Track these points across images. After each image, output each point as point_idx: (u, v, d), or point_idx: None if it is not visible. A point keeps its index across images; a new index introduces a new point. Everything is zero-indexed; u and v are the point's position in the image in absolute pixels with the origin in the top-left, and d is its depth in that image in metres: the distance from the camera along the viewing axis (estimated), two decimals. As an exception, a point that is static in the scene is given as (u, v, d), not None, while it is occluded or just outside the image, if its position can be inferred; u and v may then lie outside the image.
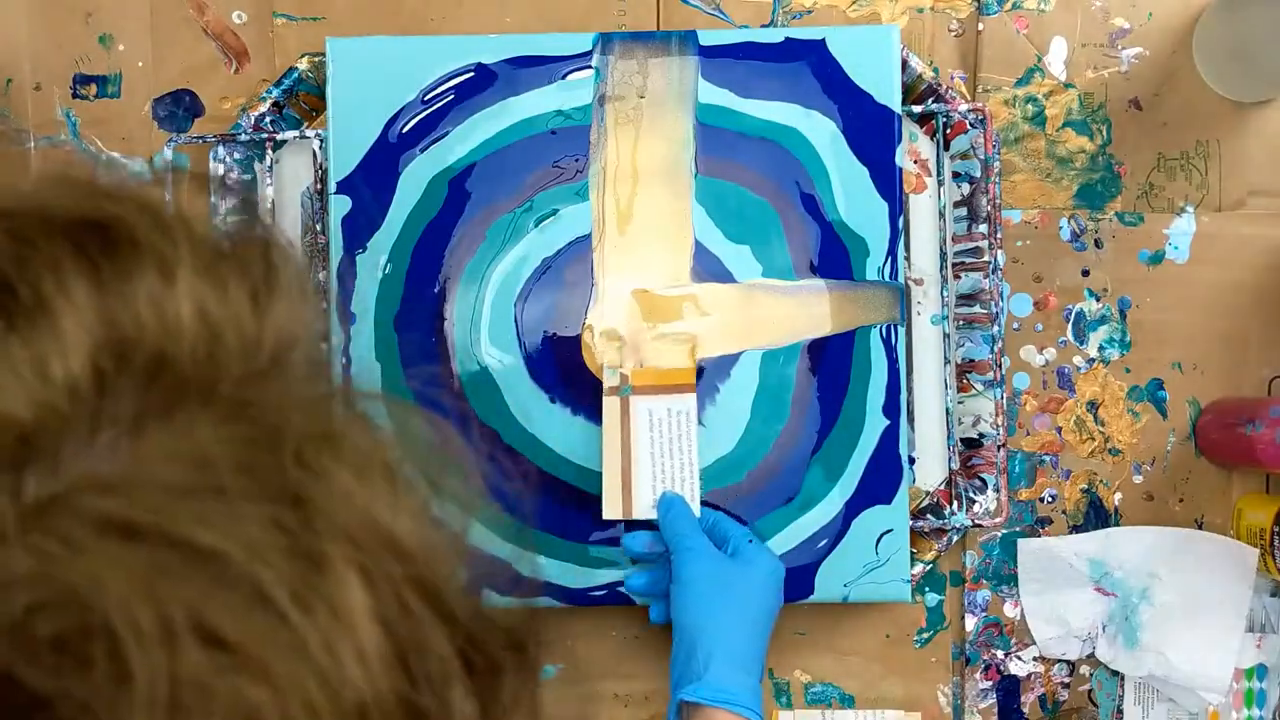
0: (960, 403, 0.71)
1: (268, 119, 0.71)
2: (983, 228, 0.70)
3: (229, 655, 0.19)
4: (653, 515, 0.65)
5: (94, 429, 0.21)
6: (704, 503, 0.66)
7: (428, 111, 0.68)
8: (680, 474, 0.66)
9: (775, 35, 0.68)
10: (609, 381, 0.66)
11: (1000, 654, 0.72)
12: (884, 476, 0.68)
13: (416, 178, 0.68)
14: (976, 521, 0.70)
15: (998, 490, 0.70)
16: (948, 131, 0.71)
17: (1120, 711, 0.73)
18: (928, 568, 0.71)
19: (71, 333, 0.21)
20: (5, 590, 0.19)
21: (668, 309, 0.68)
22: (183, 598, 0.19)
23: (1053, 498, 0.72)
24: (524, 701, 0.25)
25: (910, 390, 0.71)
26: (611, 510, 0.65)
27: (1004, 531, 0.72)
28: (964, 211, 0.71)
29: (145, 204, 0.24)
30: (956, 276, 0.71)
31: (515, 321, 0.68)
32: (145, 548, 0.20)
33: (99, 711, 0.19)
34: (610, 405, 0.66)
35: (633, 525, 0.66)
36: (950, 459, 0.71)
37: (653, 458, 0.66)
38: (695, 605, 0.61)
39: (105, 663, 0.19)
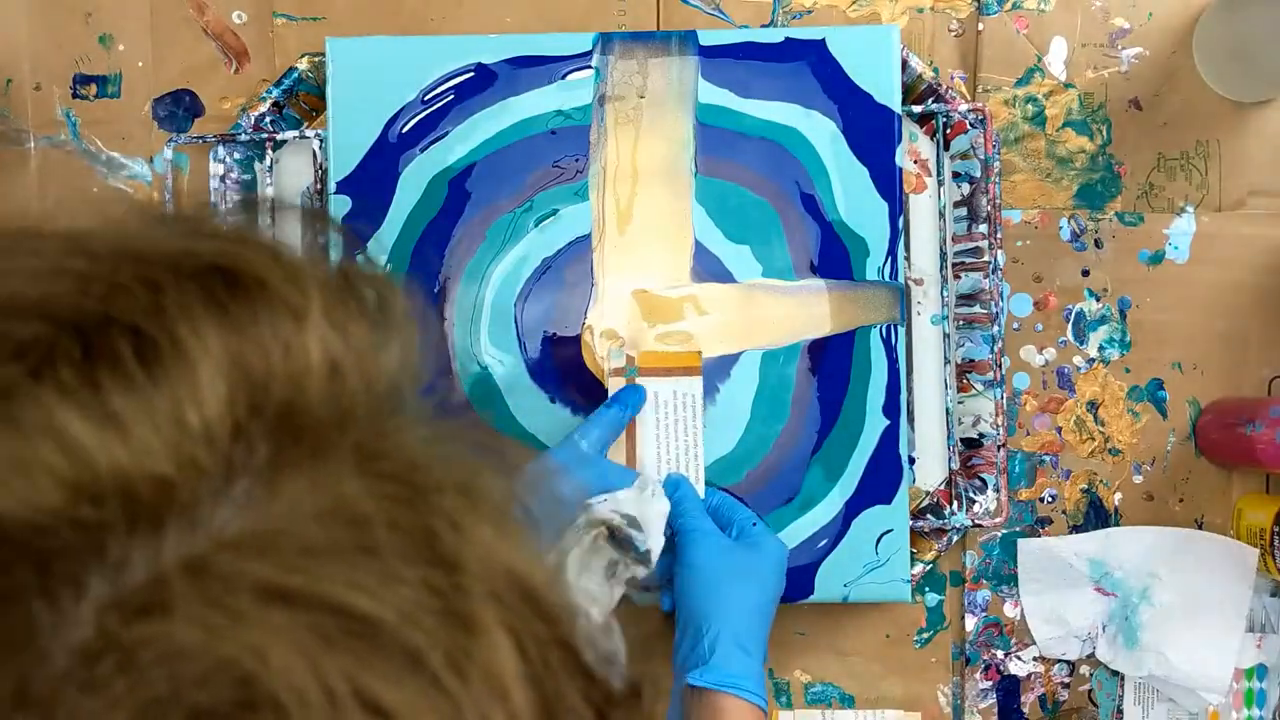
0: (960, 403, 0.71)
1: (268, 119, 0.71)
2: (983, 228, 0.70)
3: None
4: None
5: (229, 480, 0.20)
6: (708, 484, 0.66)
7: (428, 111, 0.68)
8: (686, 456, 0.66)
9: (775, 35, 0.68)
10: (614, 363, 0.66)
11: (1000, 654, 0.72)
12: (884, 476, 0.67)
13: (416, 178, 0.68)
14: (976, 521, 0.70)
15: (998, 490, 0.70)
16: (948, 131, 0.71)
17: (1120, 711, 0.72)
18: (928, 568, 0.71)
19: (207, 380, 0.20)
20: (173, 662, 0.18)
21: (668, 309, 0.68)
22: (342, 666, 0.19)
23: (1053, 498, 0.72)
24: None
25: (910, 390, 0.70)
26: None
27: (1004, 531, 0.72)
28: (964, 211, 0.71)
29: (271, 248, 0.23)
30: (956, 276, 0.71)
31: (515, 321, 0.68)
32: (304, 614, 0.19)
33: None
34: (615, 386, 0.66)
35: None
36: (950, 459, 0.71)
37: (658, 439, 0.66)
38: (701, 589, 0.61)
39: None
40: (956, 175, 0.71)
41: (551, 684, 0.21)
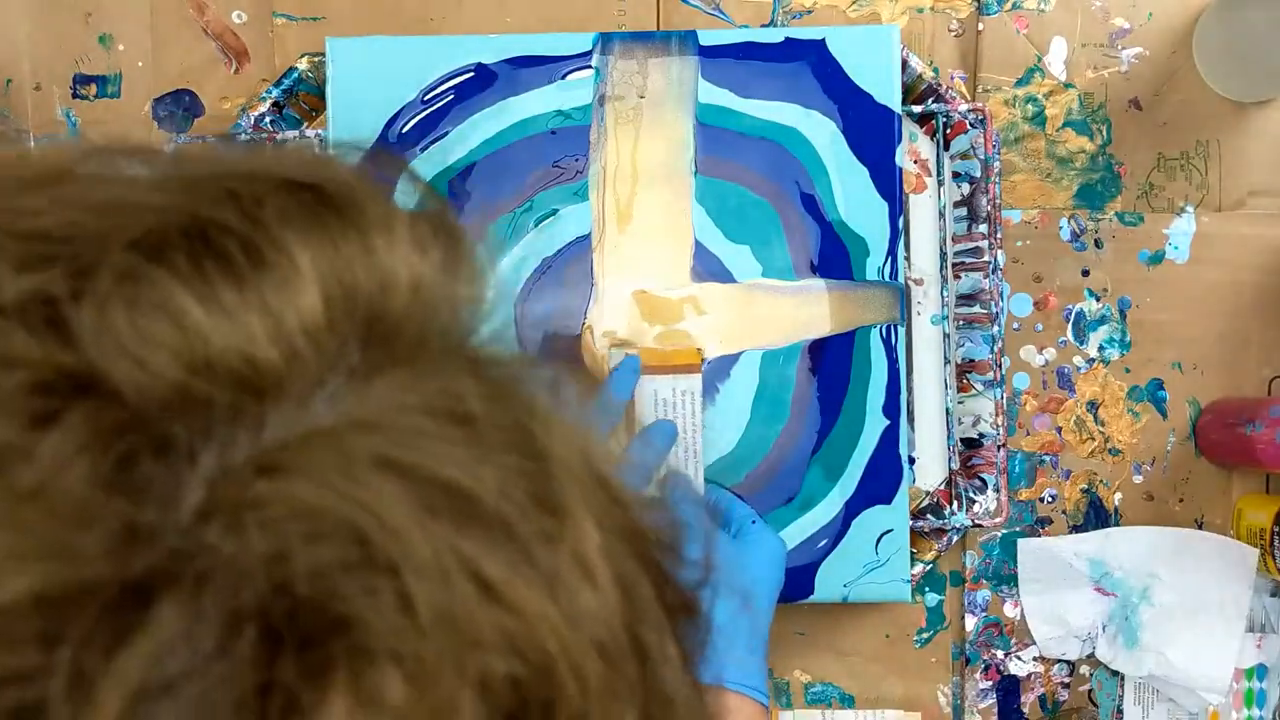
0: (960, 403, 0.71)
1: (268, 119, 0.71)
2: (983, 228, 0.71)
3: (489, 590, 0.20)
4: None
5: (330, 371, 0.22)
6: (707, 481, 0.66)
7: (428, 111, 0.68)
8: (685, 454, 0.66)
9: (775, 35, 0.68)
10: (614, 361, 0.66)
11: (1000, 654, 0.72)
12: (884, 476, 0.67)
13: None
14: (976, 521, 0.70)
15: (998, 490, 0.70)
16: (948, 131, 0.71)
17: (1120, 711, 0.72)
18: (928, 568, 0.71)
19: (308, 279, 0.22)
20: (292, 520, 0.20)
21: (667, 310, 0.68)
22: (447, 535, 0.20)
23: (1053, 498, 0.72)
24: (699, 649, 0.26)
25: (910, 390, 0.70)
26: None
27: (1004, 531, 0.72)
28: (964, 211, 0.71)
29: (360, 172, 0.25)
30: (956, 276, 0.71)
31: (515, 322, 0.68)
32: (413, 485, 0.21)
33: (386, 635, 0.19)
34: None
35: None
36: (950, 459, 0.71)
37: None
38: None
39: (390, 594, 0.20)
40: (956, 175, 0.71)
41: (629, 568, 0.23)
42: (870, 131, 0.68)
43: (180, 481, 0.20)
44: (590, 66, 0.68)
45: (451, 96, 0.68)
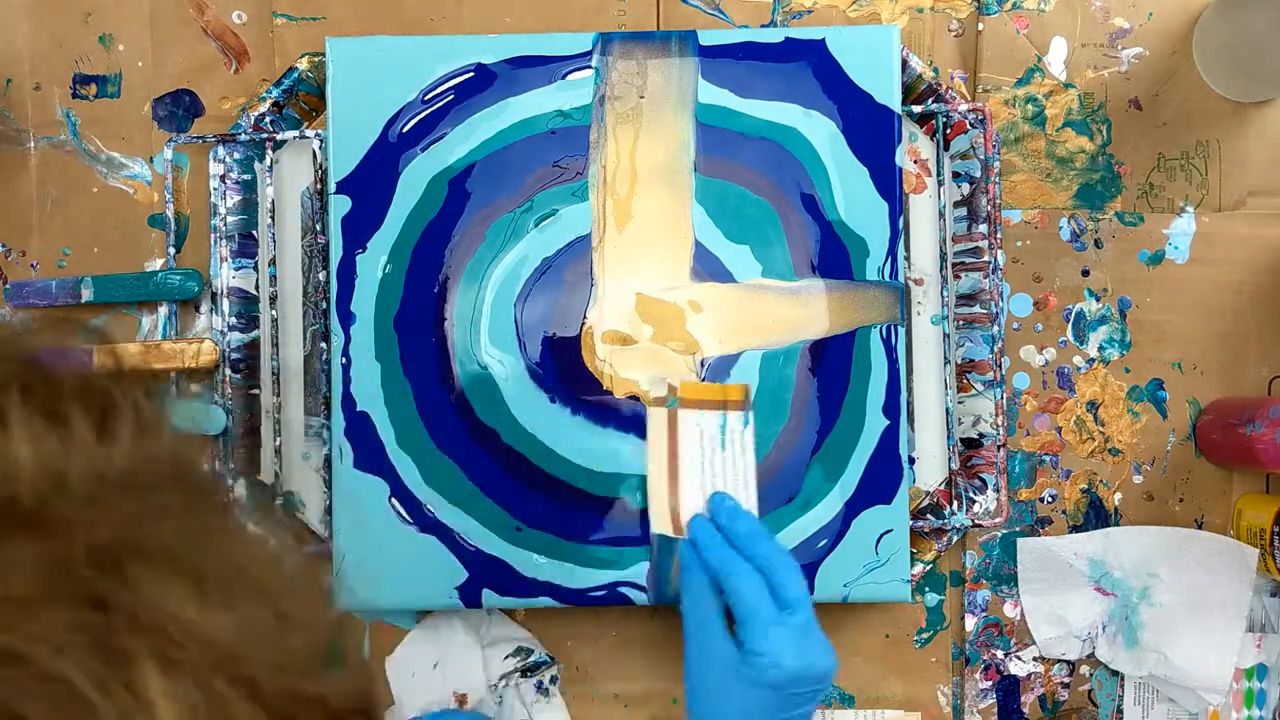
0: (960, 403, 0.71)
1: (268, 119, 0.71)
2: (983, 228, 0.71)
3: None
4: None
5: None
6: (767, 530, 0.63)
7: (428, 111, 0.68)
8: (735, 498, 0.64)
9: (775, 35, 0.68)
10: (655, 392, 0.66)
11: (1000, 654, 0.72)
12: (884, 476, 0.68)
13: (416, 178, 0.68)
14: (976, 521, 0.70)
15: (998, 490, 0.70)
16: (948, 131, 0.71)
17: (1120, 711, 0.73)
18: (928, 568, 0.71)
19: None
20: None
21: (667, 310, 0.68)
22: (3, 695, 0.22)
23: (1053, 498, 0.72)
24: None
25: (910, 390, 0.71)
26: (660, 524, 0.65)
27: (1004, 531, 0.72)
28: (964, 211, 0.71)
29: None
30: (956, 276, 0.71)
31: (515, 322, 0.68)
32: None
33: None
34: (656, 417, 0.66)
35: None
36: (950, 459, 0.71)
37: (702, 477, 0.65)
38: (693, 679, 0.57)
39: None
40: (956, 175, 0.71)
41: (213, 706, 0.24)
42: (870, 131, 0.68)
43: None
44: (590, 66, 0.68)
45: (451, 96, 0.68)
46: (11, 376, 0.26)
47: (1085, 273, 0.72)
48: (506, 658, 0.69)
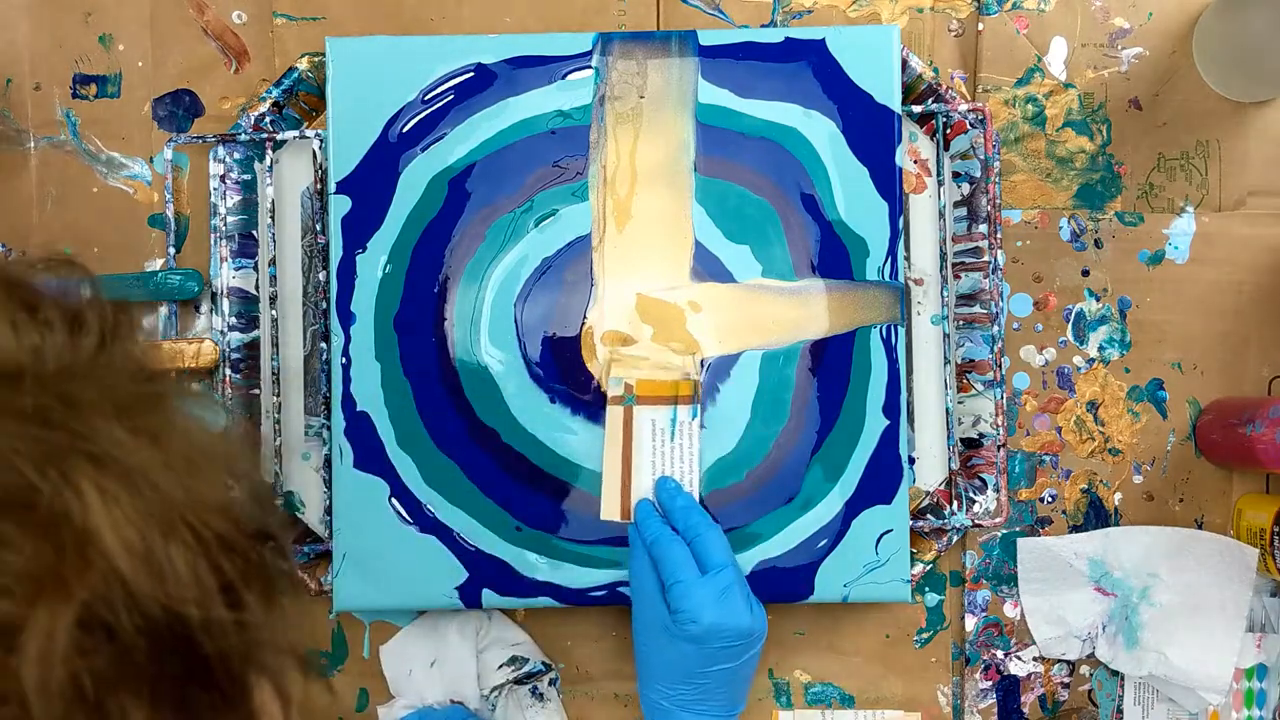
0: (960, 403, 0.71)
1: (268, 119, 0.71)
2: (983, 228, 0.71)
3: None
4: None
5: None
6: (705, 506, 0.67)
7: (428, 111, 0.68)
8: (681, 482, 0.66)
9: (775, 35, 0.68)
10: (613, 390, 0.66)
11: (1000, 654, 0.72)
12: (884, 476, 0.67)
13: (416, 178, 0.68)
14: (976, 521, 0.70)
15: (998, 490, 0.70)
16: (948, 131, 0.71)
17: (1120, 711, 0.72)
18: (928, 568, 0.71)
19: None
20: None
21: (667, 310, 0.68)
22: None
23: (1053, 498, 0.72)
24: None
25: (910, 390, 0.70)
26: (609, 512, 0.66)
27: (1004, 531, 0.72)
28: (964, 211, 0.71)
29: None
30: (956, 276, 0.71)
31: (515, 321, 0.68)
32: None
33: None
34: (614, 414, 0.66)
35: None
36: (950, 459, 0.71)
37: (654, 466, 0.66)
38: (637, 641, 0.64)
39: None
40: (956, 175, 0.71)
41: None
42: (870, 131, 0.68)
43: None
44: (590, 67, 0.68)
45: (451, 96, 0.68)
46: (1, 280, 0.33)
47: (1085, 273, 0.72)
48: (501, 667, 0.69)
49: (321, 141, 0.70)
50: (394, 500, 0.67)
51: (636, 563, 0.64)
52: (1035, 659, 0.72)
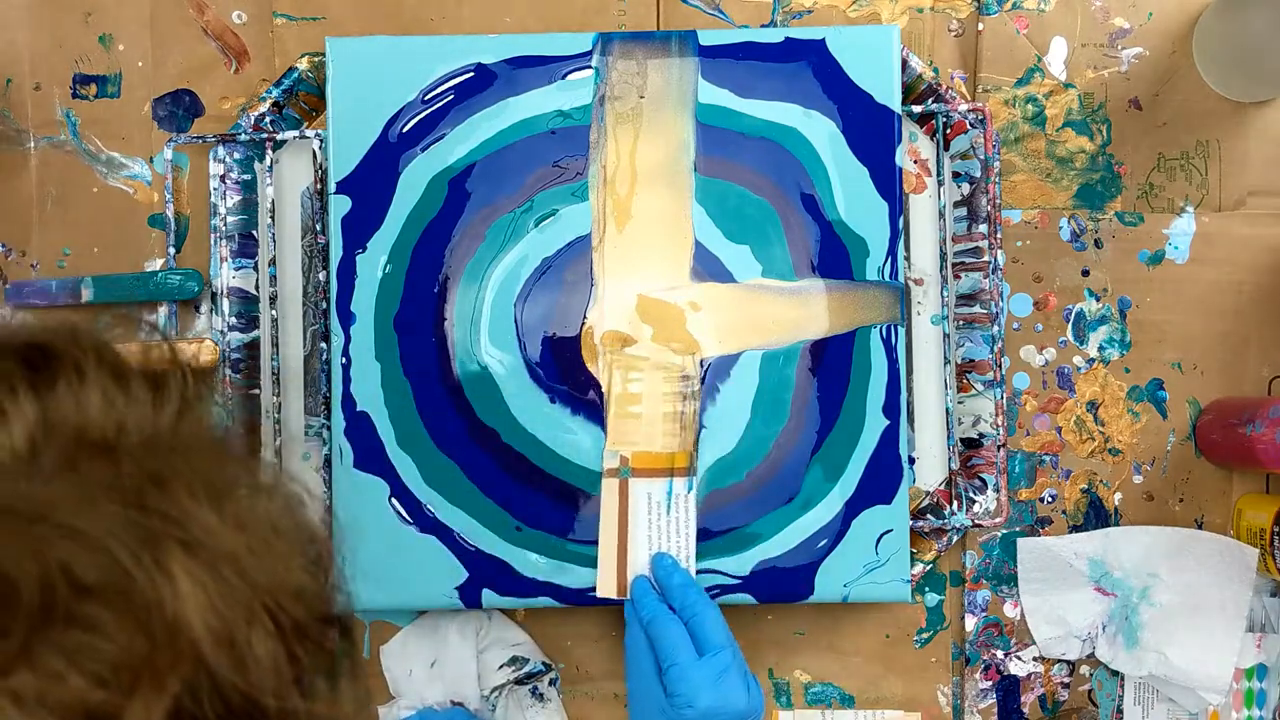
0: (960, 403, 0.71)
1: (268, 119, 0.71)
2: (983, 228, 0.71)
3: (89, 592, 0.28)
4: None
5: (29, 476, 0.30)
6: (699, 585, 0.66)
7: (428, 111, 0.68)
8: (677, 555, 0.66)
9: (775, 35, 0.68)
10: (608, 463, 0.67)
11: (1000, 654, 0.72)
12: (884, 476, 0.67)
13: (416, 178, 0.68)
14: (976, 521, 0.70)
15: (998, 490, 0.70)
16: (948, 131, 0.71)
17: (1120, 711, 0.72)
18: (928, 568, 0.71)
19: (15, 420, 0.31)
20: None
21: (667, 310, 0.68)
22: (58, 556, 0.28)
23: (1053, 498, 0.72)
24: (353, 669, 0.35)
25: (910, 390, 0.70)
26: (605, 589, 0.66)
27: (1004, 531, 0.72)
28: (964, 211, 0.71)
29: (74, 332, 0.34)
30: (956, 276, 0.71)
31: (515, 321, 0.68)
32: (38, 528, 0.29)
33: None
34: (609, 487, 0.67)
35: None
36: (950, 459, 0.71)
37: (649, 540, 0.66)
38: (632, 711, 0.63)
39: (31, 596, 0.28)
40: (956, 175, 0.71)
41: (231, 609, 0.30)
42: (870, 131, 0.68)
43: None
44: (590, 67, 0.68)
45: (451, 96, 0.68)
46: (90, 346, 0.33)
47: (1085, 273, 0.72)
48: (501, 667, 0.69)
49: (321, 141, 0.70)
50: (394, 500, 0.67)
51: (632, 640, 0.64)
52: (1035, 659, 0.72)
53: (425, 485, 0.67)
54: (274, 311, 0.71)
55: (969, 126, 0.71)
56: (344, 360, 0.67)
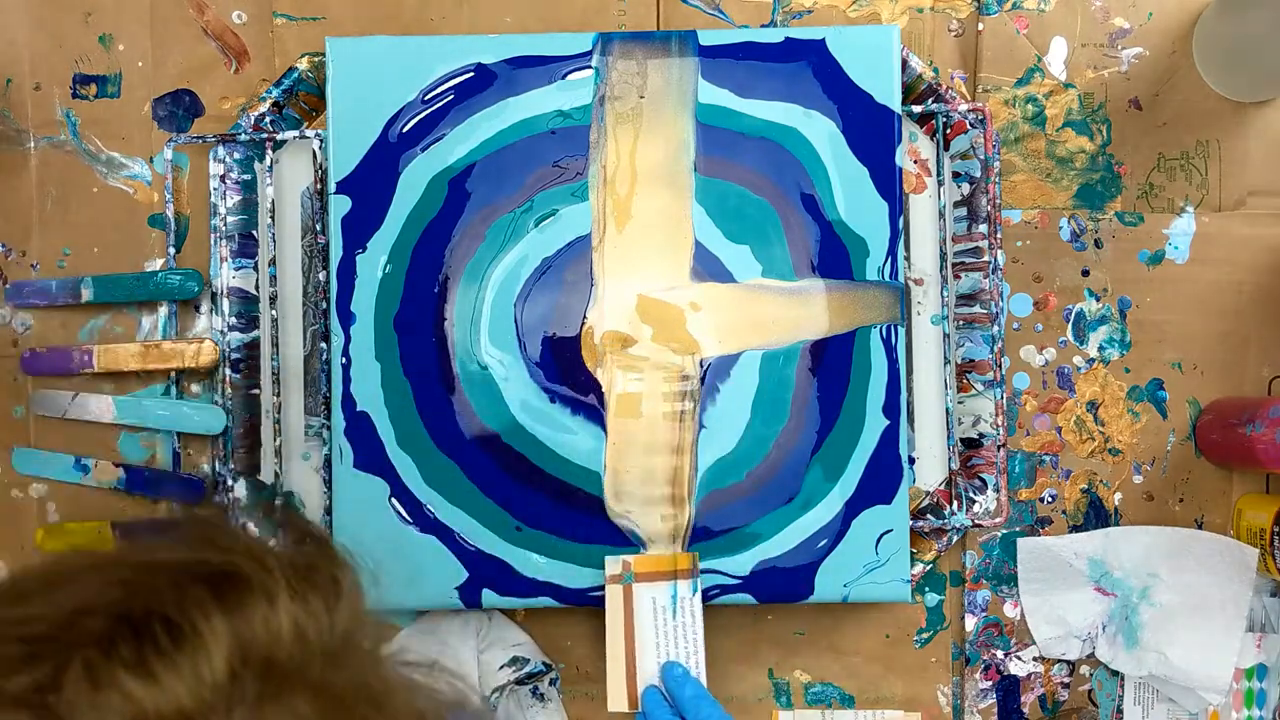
0: (960, 403, 0.71)
1: (268, 119, 0.71)
2: (983, 228, 0.71)
3: None
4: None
5: (229, 710, 0.32)
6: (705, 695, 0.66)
7: (428, 111, 0.68)
8: (686, 662, 0.66)
9: (775, 35, 0.68)
10: (610, 570, 0.66)
11: (1000, 654, 0.72)
12: (884, 476, 0.67)
13: (416, 178, 0.68)
14: (976, 521, 0.70)
15: (998, 490, 0.70)
16: (948, 131, 0.71)
17: (1120, 711, 0.73)
18: (928, 568, 0.71)
19: (214, 649, 0.33)
20: None
21: (667, 310, 0.68)
22: None
23: (1053, 498, 0.72)
24: None
25: (910, 390, 0.71)
26: (616, 701, 0.66)
27: (1004, 531, 0.72)
28: (964, 211, 0.71)
29: (254, 552, 0.36)
30: (956, 276, 0.71)
31: (515, 322, 0.68)
32: None
33: None
34: (613, 593, 0.66)
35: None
36: (950, 459, 0.71)
37: (657, 646, 0.66)
38: None
39: None
40: (956, 175, 0.71)
41: None
42: (870, 131, 0.68)
43: None
44: (590, 67, 0.68)
45: (451, 96, 0.68)
46: (275, 566, 0.36)
47: (1085, 273, 0.72)
48: (501, 667, 0.69)
49: (321, 141, 0.70)
50: (394, 500, 0.67)
51: None
52: (1035, 659, 0.72)
53: (425, 485, 0.67)
54: (274, 311, 0.71)
55: (969, 126, 0.71)
56: (344, 360, 0.67)
